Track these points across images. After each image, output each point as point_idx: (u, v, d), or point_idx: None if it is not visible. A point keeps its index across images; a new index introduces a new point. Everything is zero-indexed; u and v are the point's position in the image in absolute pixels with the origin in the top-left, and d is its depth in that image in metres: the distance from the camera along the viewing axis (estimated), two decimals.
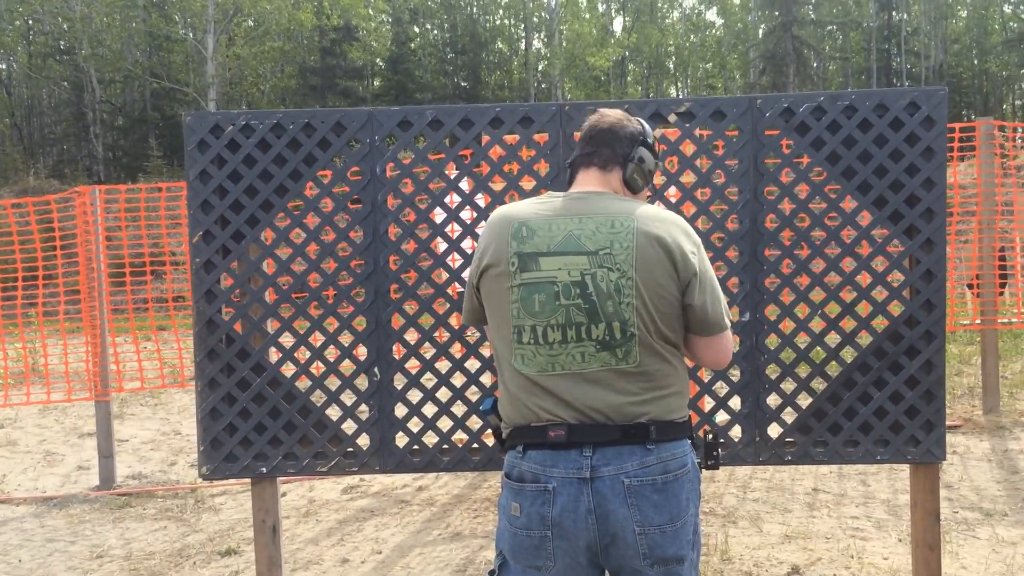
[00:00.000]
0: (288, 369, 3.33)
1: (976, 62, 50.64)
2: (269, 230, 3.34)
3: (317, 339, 3.36)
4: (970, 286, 8.02)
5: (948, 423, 6.47)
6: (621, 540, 1.98)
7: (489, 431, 3.03)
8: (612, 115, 2.25)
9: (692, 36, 53.09)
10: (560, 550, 2.00)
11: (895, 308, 3.27)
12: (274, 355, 3.37)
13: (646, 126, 2.26)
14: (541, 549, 2.01)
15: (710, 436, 2.37)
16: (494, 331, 2.14)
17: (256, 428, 3.30)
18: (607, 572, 2.10)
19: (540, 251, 2.03)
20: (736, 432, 3.31)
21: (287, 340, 3.50)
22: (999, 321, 7.38)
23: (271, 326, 3.44)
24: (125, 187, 7.46)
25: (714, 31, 54.43)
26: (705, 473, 5.69)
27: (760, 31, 48.71)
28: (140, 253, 7.82)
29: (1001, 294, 7.78)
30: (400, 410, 3.34)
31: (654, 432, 2.02)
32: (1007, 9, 51.11)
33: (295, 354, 3.33)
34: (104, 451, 6.30)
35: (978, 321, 7.11)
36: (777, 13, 44.29)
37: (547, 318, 2.01)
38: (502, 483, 2.14)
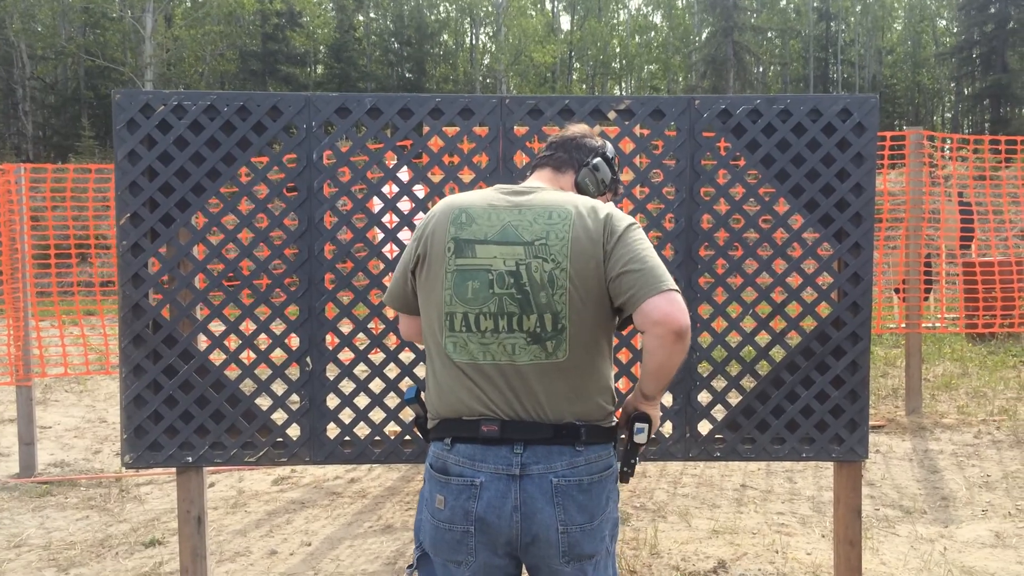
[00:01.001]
0: (217, 357, 3.26)
1: (910, 74, 52.20)
2: (200, 214, 3.25)
3: (248, 327, 3.30)
4: (897, 291, 8.26)
5: (872, 423, 6.65)
6: (543, 540, 1.98)
7: None
8: (579, 128, 2.33)
9: (637, 37, 53.61)
10: (481, 544, 1.99)
11: (823, 309, 3.34)
12: (203, 342, 3.29)
13: (609, 146, 2.32)
14: (462, 544, 2.00)
15: (629, 445, 2.37)
16: (426, 318, 2.11)
17: (182, 416, 3.22)
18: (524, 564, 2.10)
19: (477, 238, 2.02)
20: (667, 428, 3.34)
21: (217, 327, 3.42)
22: (923, 325, 7.62)
23: (200, 313, 3.36)
24: (52, 167, 7.22)
25: (658, 34, 55.01)
26: (638, 468, 5.75)
27: (703, 35, 49.45)
28: (67, 235, 7.57)
29: (926, 299, 8.03)
30: (332, 401, 3.29)
31: (584, 435, 2.01)
32: (940, 24, 52.76)
33: (225, 341, 3.26)
34: (25, 438, 6.10)
35: (903, 325, 7.32)
36: (720, 17, 45.06)
37: (480, 306, 1.99)
38: (425, 474, 2.12)
